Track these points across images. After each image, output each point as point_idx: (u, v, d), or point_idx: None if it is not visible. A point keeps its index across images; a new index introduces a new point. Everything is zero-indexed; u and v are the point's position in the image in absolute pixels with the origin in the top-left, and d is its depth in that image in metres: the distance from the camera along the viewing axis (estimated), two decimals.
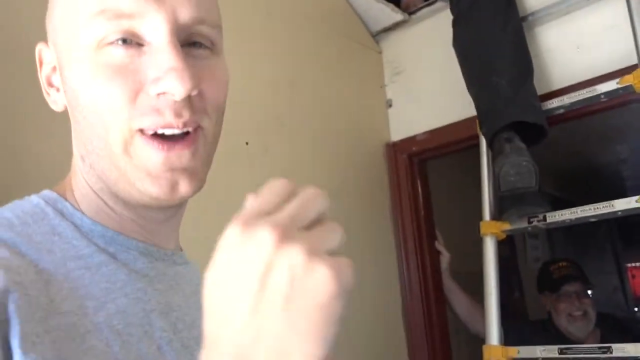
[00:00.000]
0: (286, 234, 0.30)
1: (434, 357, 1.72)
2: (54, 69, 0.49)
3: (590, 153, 3.47)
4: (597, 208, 1.30)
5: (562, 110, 1.50)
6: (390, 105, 1.97)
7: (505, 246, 2.96)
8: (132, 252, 0.48)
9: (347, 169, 1.71)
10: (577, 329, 1.84)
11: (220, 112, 0.49)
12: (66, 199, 0.49)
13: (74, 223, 0.47)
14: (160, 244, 0.52)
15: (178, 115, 0.43)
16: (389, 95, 1.98)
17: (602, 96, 1.42)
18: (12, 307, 0.36)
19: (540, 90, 1.58)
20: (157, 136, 0.44)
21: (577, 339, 1.82)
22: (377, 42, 2.03)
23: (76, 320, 0.40)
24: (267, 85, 1.48)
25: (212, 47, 0.48)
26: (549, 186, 3.94)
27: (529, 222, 1.44)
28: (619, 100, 1.44)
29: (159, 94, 0.43)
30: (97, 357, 0.40)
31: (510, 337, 1.68)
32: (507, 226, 1.49)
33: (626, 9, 1.40)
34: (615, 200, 1.28)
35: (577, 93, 1.46)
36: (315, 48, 1.70)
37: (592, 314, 1.86)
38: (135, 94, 0.43)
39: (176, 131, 0.44)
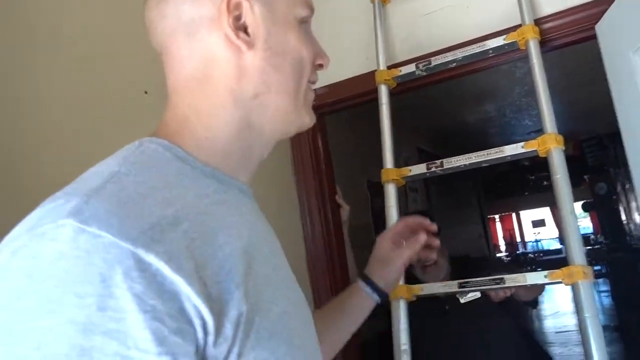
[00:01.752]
0: None
1: None
2: (238, 18, 0.59)
3: (462, 113, 3.77)
4: (490, 153, 1.42)
5: (454, 64, 1.60)
6: None
7: None
8: (234, 190, 0.58)
9: None
10: (430, 277, 1.92)
11: None
12: (175, 145, 0.56)
13: (190, 165, 0.55)
14: (240, 177, 0.62)
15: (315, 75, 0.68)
16: None
17: (491, 51, 1.53)
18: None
19: (434, 47, 1.66)
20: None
21: None
22: None
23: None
24: None
25: None
26: (425, 144, 4.23)
27: (428, 169, 1.52)
28: (505, 57, 1.56)
29: (320, 64, 0.68)
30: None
31: None
32: (406, 172, 1.56)
33: None
34: (505, 146, 1.41)
35: (468, 48, 1.56)
36: None
37: (443, 262, 1.95)
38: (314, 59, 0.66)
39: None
